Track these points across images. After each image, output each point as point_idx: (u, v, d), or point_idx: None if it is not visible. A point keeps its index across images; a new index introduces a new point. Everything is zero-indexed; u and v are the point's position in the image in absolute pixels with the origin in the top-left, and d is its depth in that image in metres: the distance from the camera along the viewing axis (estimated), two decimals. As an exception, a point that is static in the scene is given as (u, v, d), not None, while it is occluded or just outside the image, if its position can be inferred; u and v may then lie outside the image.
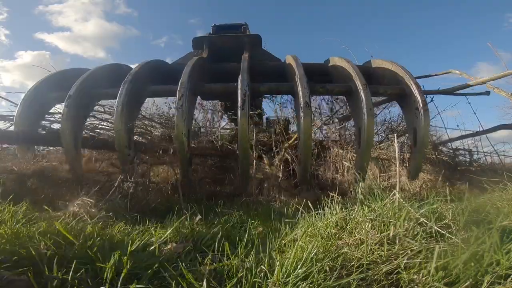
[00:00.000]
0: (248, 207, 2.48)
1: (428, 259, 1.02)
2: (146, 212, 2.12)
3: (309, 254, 1.10)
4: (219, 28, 3.38)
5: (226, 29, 3.38)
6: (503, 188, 1.84)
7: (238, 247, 1.27)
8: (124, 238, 1.35)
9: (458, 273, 0.96)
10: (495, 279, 0.95)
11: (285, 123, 3.98)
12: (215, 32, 3.35)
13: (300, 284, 0.97)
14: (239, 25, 3.43)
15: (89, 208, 1.90)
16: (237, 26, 3.42)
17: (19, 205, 1.82)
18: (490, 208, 1.46)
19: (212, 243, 1.41)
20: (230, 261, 1.15)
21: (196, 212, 1.96)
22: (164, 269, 1.09)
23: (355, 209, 1.50)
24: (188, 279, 1.01)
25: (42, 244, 1.16)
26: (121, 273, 1.00)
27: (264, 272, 1.06)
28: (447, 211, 1.35)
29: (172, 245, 1.38)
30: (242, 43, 3.03)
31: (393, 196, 1.48)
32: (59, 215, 1.73)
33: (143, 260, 1.14)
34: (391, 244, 1.18)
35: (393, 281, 1.02)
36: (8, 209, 1.66)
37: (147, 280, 1.03)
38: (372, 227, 1.29)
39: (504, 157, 3.99)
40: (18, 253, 1.10)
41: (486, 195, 1.77)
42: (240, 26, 3.42)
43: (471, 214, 1.33)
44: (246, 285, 1.00)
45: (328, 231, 1.36)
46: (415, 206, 1.36)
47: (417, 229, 1.22)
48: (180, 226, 1.63)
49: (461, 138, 4.38)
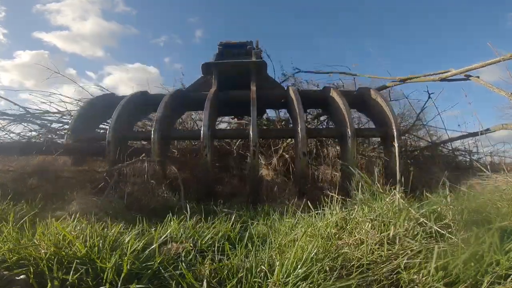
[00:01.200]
0: (247, 207, 2.48)
1: (428, 259, 1.02)
2: (146, 212, 2.13)
3: (309, 254, 1.10)
4: (226, 46, 3.72)
5: (232, 47, 3.72)
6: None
7: (238, 247, 1.27)
8: (124, 238, 1.34)
9: (458, 273, 0.96)
10: (495, 279, 0.95)
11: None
12: (221, 51, 3.67)
13: (300, 284, 0.97)
14: (244, 44, 3.75)
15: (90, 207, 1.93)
16: (243, 45, 3.75)
17: (20, 204, 1.83)
18: (490, 208, 1.46)
19: (212, 243, 1.41)
20: (230, 261, 1.15)
21: (196, 212, 1.96)
22: (164, 269, 1.09)
23: (355, 209, 1.50)
24: (188, 279, 1.01)
25: (42, 244, 1.16)
26: (121, 274, 1.00)
27: (264, 272, 1.06)
28: (447, 211, 1.35)
29: (172, 245, 1.38)
30: (248, 70, 3.29)
31: (393, 197, 1.48)
32: (61, 214, 1.73)
33: (143, 260, 1.14)
34: (391, 244, 1.18)
35: (393, 281, 1.02)
36: (9, 208, 1.66)
37: (147, 280, 1.03)
38: (372, 227, 1.29)
39: (504, 157, 4.00)
40: (19, 252, 1.11)
41: (486, 195, 1.77)
42: (246, 45, 3.73)
43: (471, 214, 1.33)
44: (246, 285, 1.00)
45: (328, 231, 1.36)
46: (415, 206, 1.36)
47: (417, 229, 1.22)
48: (180, 226, 1.63)
49: (461, 138, 4.39)
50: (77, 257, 1.09)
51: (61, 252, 1.11)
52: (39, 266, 1.05)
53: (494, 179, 2.01)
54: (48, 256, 1.08)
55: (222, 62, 3.37)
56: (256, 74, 3.25)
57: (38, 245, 1.16)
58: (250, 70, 3.25)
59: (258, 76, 3.27)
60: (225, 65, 3.35)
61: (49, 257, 1.08)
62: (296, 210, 1.84)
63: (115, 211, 2.03)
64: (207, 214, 2.05)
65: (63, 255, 1.10)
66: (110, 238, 1.28)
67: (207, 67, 3.32)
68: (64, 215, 1.68)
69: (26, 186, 2.37)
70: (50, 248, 1.12)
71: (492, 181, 2.01)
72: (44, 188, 2.36)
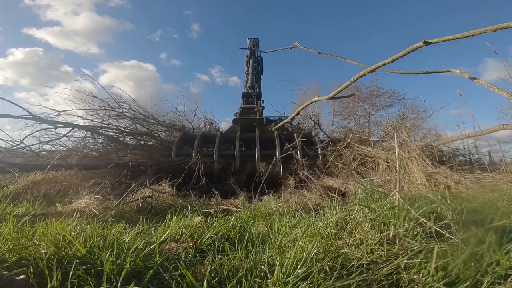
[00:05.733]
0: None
1: (428, 259, 1.02)
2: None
3: (309, 254, 1.10)
4: (244, 109, 6.76)
5: (248, 109, 6.71)
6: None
7: (238, 247, 1.27)
8: (125, 238, 1.34)
9: (458, 273, 0.96)
10: (495, 279, 0.95)
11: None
12: (241, 110, 6.74)
13: (300, 284, 0.97)
14: (253, 107, 6.69)
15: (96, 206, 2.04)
16: (253, 107, 6.70)
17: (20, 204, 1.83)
18: (490, 208, 1.46)
19: (212, 243, 1.41)
20: (230, 261, 1.15)
21: (197, 212, 1.96)
22: (164, 269, 1.09)
23: (355, 209, 1.50)
24: (188, 279, 1.01)
25: (42, 243, 1.16)
26: (121, 273, 1.00)
27: (264, 272, 1.06)
28: (447, 211, 1.35)
29: (172, 245, 1.38)
30: (255, 122, 6.17)
31: (393, 196, 1.48)
32: (66, 211, 1.75)
33: (143, 260, 1.14)
34: (391, 244, 1.18)
35: (393, 281, 1.02)
36: (9, 208, 1.66)
37: (147, 280, 1.03)
38: (372, 227, 1.29)
39: (504, 157, 4.00)
40: (19, 252, 1.11)
41: (486, 195, 1.77)
42: (253, 108, 6.66)
43: (471, 214, 1.33)
44: (246, 285, 1.00)
45: (328, 231, 1.36)
46: (415, 206, 1.36)
47: (417, 229, 1.22)
48: (180, 225, 1.63)
49: (461, 138, 4.39)
50: (77, 257, 1.09)
51: (61, 252, 1.11)
52: (39, 266, 1.05)
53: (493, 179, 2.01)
54: (48, 256, 1.08)
55: (240, 118, 6.36)
56: (259, 124, 6.14)
57: (38, 245, 1.16)
58: (256, 122, 6.15)
59: (260, 125, 6.18)
60: (243, 120, 6.32)
61: (49, 256, 1.08)
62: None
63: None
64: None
65: (63, 255, 1.10)
66: (111, 238, 1.28)
67: (235, 120, 6.38)
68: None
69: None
70: (50, 248, 1.12)
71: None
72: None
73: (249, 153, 5.37)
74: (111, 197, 2.71)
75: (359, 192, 1.67)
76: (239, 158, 5.18)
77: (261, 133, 5.87)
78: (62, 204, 2.35)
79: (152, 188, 3.16)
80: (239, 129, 6.02)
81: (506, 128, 3.37)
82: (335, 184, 3.93)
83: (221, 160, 5.15)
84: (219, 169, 4.99)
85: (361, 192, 1.69)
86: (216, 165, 4.99)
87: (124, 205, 2.49)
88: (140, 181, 3.32)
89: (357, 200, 1.61)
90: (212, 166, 4.97)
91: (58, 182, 3.34)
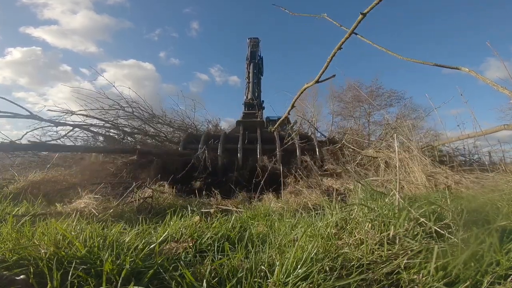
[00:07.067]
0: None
1: (428, 259, 1.02)
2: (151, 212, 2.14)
3: (309, 254, 1.10)
4: (246, 114, 7.88)
5: (249, 114, 7.82)
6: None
7: (238, 247, 1.27)
8: (124, 238, 1.34)
9: (458, 273, 0.96)
10: (495, 279, 0.95)
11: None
12: (244, 114, 7.91)
13: (300, 284, 0.97)
14: (254, 113, 7.83)
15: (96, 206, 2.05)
16: (254, 113, 7.82)
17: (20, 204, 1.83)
18: (490, 208, 1.46)
19: (212, 243, 1.41)
20: (230, 261, 1.15)
21: (197, 212, 1.96)
22: (164, 269, 1.09)
23: (355, 209, 1.50)
24: (188, 279, 1.00)
25: (42, 243, 1.16)
26: (121, 273, 1.00)
27: (264, 272, 1.06)
28: (447, 211, 1.35)
29: (172, 245, 1.38)
30: (256, 124, 6.87)
31: (392, 196, 1.48)
32: (66, 211, 1.75)
33: (143, 260, 1.14)
34: (391, 244, 1.17)
35: (393, 281, 1.02)
36: (9, 208, 1.66)
37: (147, 280, 1.03)
38: (372, 227, 1.29)
39: (504, 157, 4.00)
40: (19, 252, 1.10)
41: (486, 195, 1.77)
42: (254, 113, 7.80)
43: (471, 214, 1.32)
44: (246, 285, 1.00)
45: (328, 231, 1.36)
46: (415, 206, 1.35)
47: (417, 229, 1.22)
48: (180, 225, 1.63)
49: (461, 139, 4.39)
50: (77, 257, 1.09)
51: (61, 252, 1.11)
52: (39, 266, 1.05)
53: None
54: (48, 256, 1.08)
55: (243, 121, 7.17)
56: (260, 126, 6.75)
57: (37, 245, 1.16)
58: (257, 124, 6.87)
59: (261, 127, 6.82)
60: (246, 122, 7.05)
61: (49, 257, 1.08)
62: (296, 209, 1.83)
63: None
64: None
65: (63, 255, 1.10)
66: (110, 238, 1.28)
67: (238, 123, 7.10)
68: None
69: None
70: (50, 248, 1.12)
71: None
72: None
73: (252, 147, 5.66)
74: (111, 197, 2.72)
75: (358, 192, 1.67)
76: (241, 151, 5.45)
77: (262, 133, 6.34)
78: (62, 204, 2.36)
79: (152, 188, 3.16)
80: (242, 129, 6.62)
81: (507, 128, 3.37)
82: (335, 184, 3.93)
83: (225, 154, 5.39)
84: (223, 164, 5.25)
85: (361, 192, 1.69)
86: (220, 160, 5.23)
87: (124, 205, 2.50)
88: (140, 181, 3.33)
89: (357, 200, 1.61)
90: (217, 160, 5.22)
91: (58, 182, 3.34)
